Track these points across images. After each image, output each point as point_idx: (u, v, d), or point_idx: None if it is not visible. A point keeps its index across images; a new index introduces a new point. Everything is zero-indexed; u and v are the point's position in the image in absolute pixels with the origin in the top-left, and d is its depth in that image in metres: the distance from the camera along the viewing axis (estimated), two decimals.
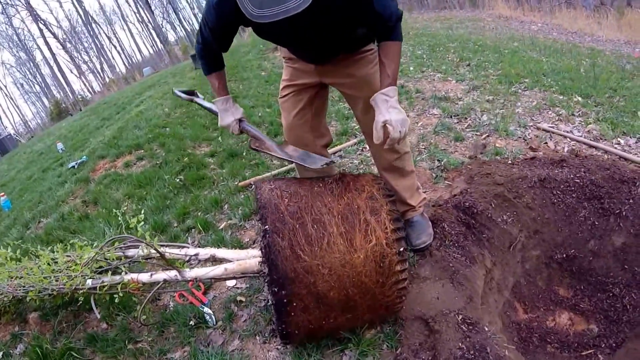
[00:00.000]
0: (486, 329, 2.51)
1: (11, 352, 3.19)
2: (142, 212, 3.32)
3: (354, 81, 2.85)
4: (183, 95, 3.27)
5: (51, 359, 2.98)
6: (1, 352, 3.19)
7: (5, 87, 71.31)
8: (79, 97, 42.95)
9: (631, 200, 3.48)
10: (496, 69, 7.93)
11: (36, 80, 55.64)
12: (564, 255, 3.57)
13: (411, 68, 8.70)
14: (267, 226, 2.23)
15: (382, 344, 2.57)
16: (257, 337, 2.81)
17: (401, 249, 2.29)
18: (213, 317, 2.97)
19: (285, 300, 2.21)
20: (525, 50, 10.25)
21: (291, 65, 3.02)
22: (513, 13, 21.90)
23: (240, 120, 2.78)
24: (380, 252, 2.24)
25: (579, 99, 5.86)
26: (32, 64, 53.76)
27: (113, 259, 3.00)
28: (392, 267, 2.27)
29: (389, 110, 2.37)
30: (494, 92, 6.41)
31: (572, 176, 3.68)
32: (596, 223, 3.53)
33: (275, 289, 2.19)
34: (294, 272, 2.18)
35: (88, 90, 51.34)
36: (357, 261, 2.21)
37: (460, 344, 2.35)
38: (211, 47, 2.66)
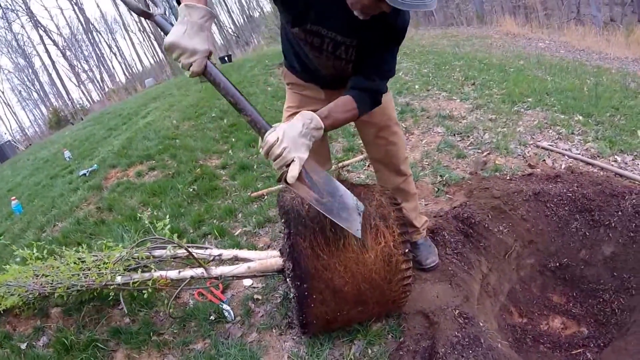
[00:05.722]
0: (481, 324, 2.84)
1: (34, 344, 3.43)
2: (167, 216, 3.57)
3: None
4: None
5: (76, 350, 3.23)
6: (25, 344, 3.41)
7: (3, 93, 71.43)
8: (79, 105, 43.21)
9: (620, 213, 3.75)
10: (500, 88, 8.21)
11: (34, 88, 55.80)
12: (557, 264, 3.87)
13: (416, 86, 8.98)
14: (291, 229, 2.56)
15: (387, 335, 2.92)
16: (274, 330, 3.13)
17: (406, 250, 2.63)
18: (231, 312, 3.28)
19: (306, 294, 2.54)
20: (531, 69, 10.52)
21: (299, 92, 3.02)
22: (521, 30, 22.04)
23: (208, 56, 2.06)
24: (388, 253, 2.58)
25: (580, 117, 6.13)
26: (30, 71, 54.01)
27: (142, 258, 3.27)
28: (398, 265, 2.61)
29: (290, 124, 2.16)
30: (497, 111, 6.71)
31: (565, 190, 4.00)
32: (587, 234, 3.82)
33: (298, 284, 2.53)
34: (314, 269, 2.51)
35: (87, 99, 51.59)
36: (369, 260, 2.55)
37: (456, 333, 2.70)
38: None
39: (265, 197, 5.06)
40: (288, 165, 2.07)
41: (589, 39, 19.19)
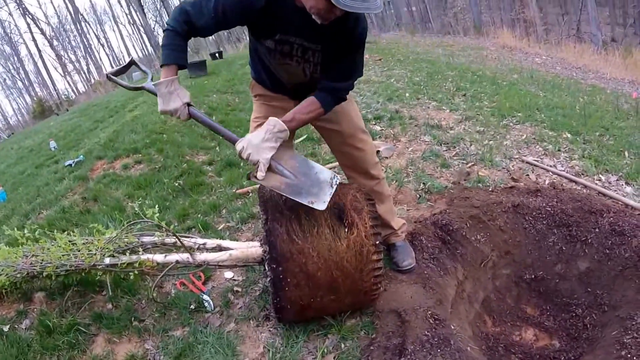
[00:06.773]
0: (452, 327, 3.02)
1: (16, 326, 3.50)
2: (156, 205, 3.72)
3: (334, 115, 3.07)
4: (119, 80, 3.06)
5: (58, 333, 3.33)
6: (7, 326, 3.46)
7: None
8: (64, 96, 43.10)
9: (597, 230, 3.91)
10: (491, 101, 8.41)
11: (19, 76, 55.59)
12: (533, 276, 4.03)
13: (407, 94, 9.15)
14: (268, 215, 2.79)
15: (360, 330, 3.09)
16: (251, 321, 3.30)
17: (377, 242, 2.84)
18: (211, 303, 3.45)
19: (281, 276, 2.75)
20: (524, 84, 10.72)
21: (267, 103, 3.25)
22: (518, 43, 22.27)
23: (188, 105, 2.68)
24: (360, 243, 2.79)
25: (568, 135, 6.30)
26: (16, 59, 53.78)
27: (131, 242, 3.43)
28: (369, 256, 2.82)
29: (255, 133, 2.67)
30: (486, 123, 6.89)
31: (544, 205, 4.17)
32: (564, 248, 3.99)
33: (274, 266, 2.74)
34: (289, 253, 2.73)
35: (72, 90, 51.46)
36: (341, 248, 2.77)
37: (426, 332, 2.87)
38: (191, 32, 2.66)
39: (250, 194, 5.21)
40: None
41: (586, 57, 19.44)
